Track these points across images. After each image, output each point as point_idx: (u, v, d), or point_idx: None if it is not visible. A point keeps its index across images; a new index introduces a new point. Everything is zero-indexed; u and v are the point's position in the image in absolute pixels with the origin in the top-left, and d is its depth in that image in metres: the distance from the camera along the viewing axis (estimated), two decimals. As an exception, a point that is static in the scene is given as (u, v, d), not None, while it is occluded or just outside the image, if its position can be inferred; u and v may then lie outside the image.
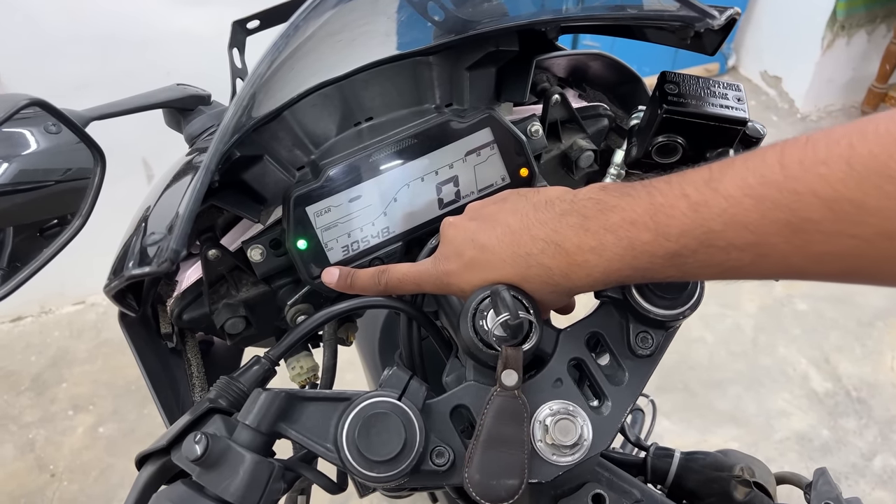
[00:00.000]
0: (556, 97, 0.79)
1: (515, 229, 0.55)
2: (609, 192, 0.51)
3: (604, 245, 0.49)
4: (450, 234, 0.60)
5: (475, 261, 0.57)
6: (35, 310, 2.43)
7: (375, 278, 0.65)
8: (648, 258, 0.48)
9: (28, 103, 0.56)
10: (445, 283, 0.59)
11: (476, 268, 0.57)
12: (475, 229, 0.58)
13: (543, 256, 0.53)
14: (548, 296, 0.55)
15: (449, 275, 0.59)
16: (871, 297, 2.49)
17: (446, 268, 0.59)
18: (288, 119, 0.68)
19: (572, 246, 0.51)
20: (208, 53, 1.50)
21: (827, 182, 0.38)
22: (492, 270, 0.56)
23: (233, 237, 0.73)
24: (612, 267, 0.50)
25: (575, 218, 0.52)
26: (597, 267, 0.50)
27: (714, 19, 0.63)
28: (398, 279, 0.63)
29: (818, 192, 0.39)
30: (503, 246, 0.55)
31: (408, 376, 0.55)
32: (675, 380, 2.23)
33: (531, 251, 0.53)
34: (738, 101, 0.61)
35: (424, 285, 0.62)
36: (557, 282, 0.53)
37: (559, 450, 0.54)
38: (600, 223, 0.50)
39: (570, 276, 0.52)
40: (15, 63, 1.95)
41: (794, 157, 0.41)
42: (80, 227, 0.65)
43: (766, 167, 0.42)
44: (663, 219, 0.46)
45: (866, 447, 2.07)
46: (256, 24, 0.69)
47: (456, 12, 0.66)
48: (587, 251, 0.50)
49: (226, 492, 0.49)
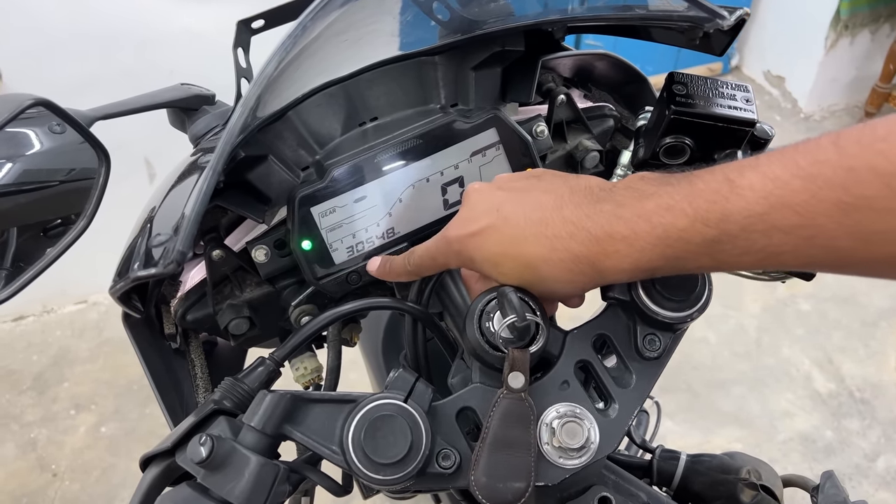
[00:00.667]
0: (561, 97, 0.79)
1: (547, 207, 0.52)
2: (647, 180, 0.50)
3: (636, 234, 0.48)
4: (473, 198, 0.58)
5: (494, 229, 0.54)
6: (37, 309, 2.43)
7: (405, 261, 0.64)
8: (683, 246, 0.46)
9: (33, 103, 0.56)
10: (458, 250, 0.57)
11: (493, 237, 0.54)
12: (502, 199, 0.55)
13: (572, 241, 0.50)
14: (566, 284, 0.53)
15: (463, 241, 0.56)
16: (874, 298, 2.49)
17: (463, 231, 0.56)
18: (293, 119, 0.68)
19: (603, 234, 0.49)
20: (210, 52, 1.51)
21: (885, 157, 0.38)
22: (510, 244, 0.53)
23: (237, 237, 0.73)
24: (643, 257, 0.48)
25: (610, 205, 0.50)
26: (627, 257, 0.48)
27: (724, 20, 0.62)
28: (419, 256, 0.62)
29: (876, 168, 0.38)
30: (530, 223, 0.53)
31: (414, 378, 0.55)
32: (679, 380, 2.22)
33: (559, 233, 0.51)
34: (746, 101, 0.61)
35: (438, 255, 0.60)
36: (582, 269, 0.51)
37: (566, 453, 0.53)
38: (634, 211, 0.48)
39: (598, 265, 0.50)
40: (16, 62, 1.95)
41: (850, 137, 0.40)
42: (86, 227, 0.64)
43: (819, 149, 0.41)
44: (703, 204, 0.45)
45: (870, 448, 2.07)
46: (261, 24, 0.69)
47: (461, 12, 0.66)
48: (619, 240, 0.48)
49: (231, 494, 0.49)
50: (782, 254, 0.43)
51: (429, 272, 0.64)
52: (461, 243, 0.56)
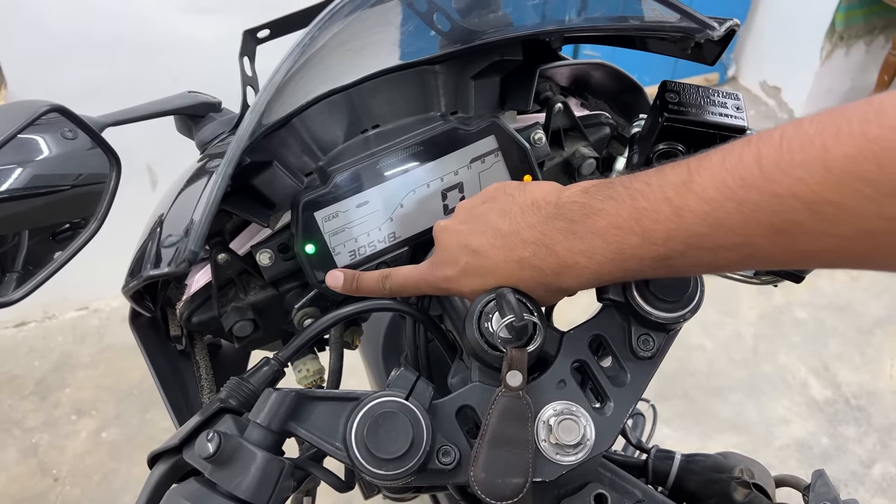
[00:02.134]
0: (558, 106, 0.80)
1: (506, 233, 0.56)
2: (592, 195, 0.52)
3: (593, 249, 0.51)
4: (443, 239, 0.62)
5: (471, 266, 0.58)
6: (38, 315, 2.44)
7: (380, 282, 0.66)
8: (637, 261, 0.49)
9: (49, 109, 0.58)
10: (445, 288, 0.61)
11: (472, 273, 0.58)
12: (467, 234, 0.59)
13: (535, 259, 0.54)
14: (542, 294, 0.57)
15: (448, 280, 0.60)
16: (870, 306, 2.50)
17: (444, 273, 0.61)
18: (297, 126, 0.69)
19: (562, 249, 0.52)
20: (215, 60, 1.52)
21: (806, 185, 0.39)
22: (488, 275, 0.57)
23: (241, 241, 0.74)
24: (603, 269, 0.51)
25: (562, 222, 0.53)
26: (587, 269, 0.52)
27: (714, 30, 0.64)
28: (401, 283, 0.65)
29: (798, 195, 0.39)
30: (495, 250, 0.56)
31: (415, 377, 0.56)
32: (676, 387, 2.23)
33: (523, 255, 0.55)
34: (736, 109, 0.63)
35: (425, 289, 0.63)
36: (550, 282, 0.54)
37: (563, 449, 0.55)
38: (587, 227, 0.51)
39: (562, 276, 0.53)
40: (21, 69, 1.97)
41: (770, 158, 0.41)
42: (97, 230, 0.66)
43: (745, 168, 0.42)
44: (648, 224, 0.47)
45: (866, 455, 2.08)
46: (267, 34, 0.70)
47: (461, 23, 0.67)
48: (577, 254, 0.52)
49: (238, 489, 0.50)
50: (731, 265, 0.47)
51: (408, 294, 0.68)
52: (446, 283, 0.61)
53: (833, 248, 0.40)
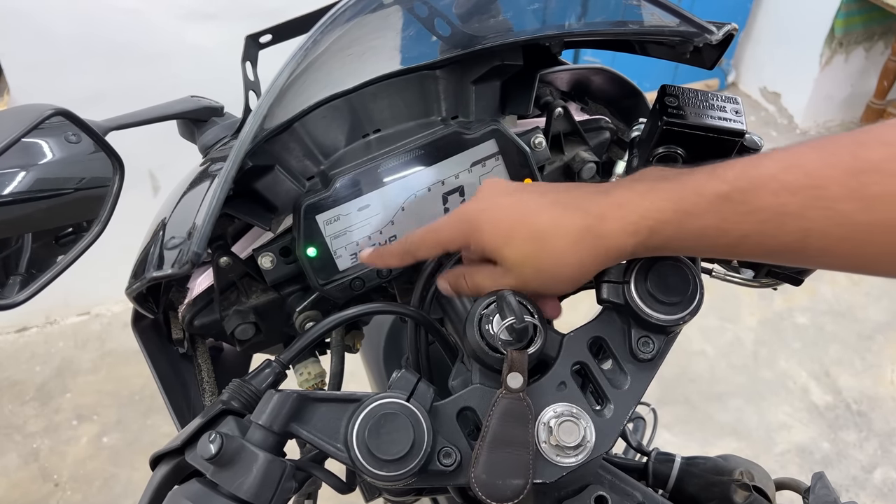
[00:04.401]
0: (559, 110, 0.81)
1: (562, 189, 0.56)
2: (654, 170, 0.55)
3: (653, 188, 0.51)
4: (487, 185, 0.61)
5: (505, 204, 0.57)
6: (40, 320, 2.44)
7: (402, 241, 0.65)
8: (695, 197, 0.49)
9: (53, 113, 0.58)
10: (466, 220, 0.58)
11: (504, 209, 0.57)
12: (517, 187, 0.59)
13: (578, 213, 0.53)
14: (570, 260, 0.54)
15: (474, 212, 0.58)
16: (870, 312, 2.50)
17: (474, 206, 0.59)
18: (298, 130, 0.70)
19: (618, 190, 0.53)
20: (217, 66, 1.53)
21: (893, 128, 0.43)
22: (522, 213, 0.56)
23: (243, 245, 0.74)
24: (654, 206, 0.51)
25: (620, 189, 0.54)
26: (638, 207, 0.51)
27: (712, 34, 0.64)
28: (421, 233, 0.63)
29: (883, 138, 0.43)
30: (545, 198, 0.56)
31: (416, 379, 0.56)
32: (676, 392, 2.23)
33: (568, 205, 0.54)
34: (735, 113, 0.63)
35: (443, 229, 0.61)
36: (588, 224, 0.53)
37: (563, 451, 0.55)
38: (654, 176, 0.53)
39: (606, 217, 0.52)
40: (24, 76, 1.98)
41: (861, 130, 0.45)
42: (100, 234, 0.66)
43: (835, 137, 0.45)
44: (721, 170, 0.49)
45: (867, 460, 2.08)
46: (269, 39, 0.71)
47: (462, 28, 0.68)
48: (632, 192, 0.52)
49: (240, 489, 0.50)
50: (786, 214, 0.46)
51: (426, 253, 0.64)
52: (474, 214, 0.58)
53: None
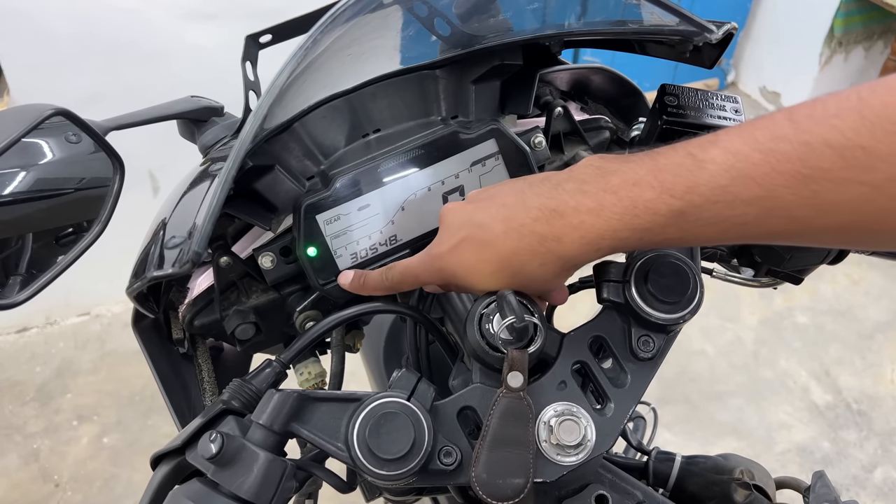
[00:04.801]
0: (558, 110, 0.80)
1: (510, 203, 0.55)
2: (608, 159, 0.52)
3: (602, 206, 0.49)
4: (447, 217, 0.60)
5: (469, 239, 0.56)
6: (40, 320, 2.44)
7: (382, 276, 0.65)
8: (650, 217, 0.48)
9: (53, 113, 0.58)
10: (438, 268, 0.59)
11: (469, 246, 0.56)
12: (473, 210, 0.58)
13: (537, 224, 0.52)
14: (536, 269, 0.54)
15: (442, 257, 0.58)
16: (871, 311, 2.50)
17: (440, 250, 0.59)
18: (298, 130, 0.70)
19: (568, 208, 0.51)
20: (216, 66, 1.53)
21: (839, 131, 0.40)
22: (484, 247, 0.55)
23: (244, 245, 0.74)
24: (610, 227, 0.49)
25: (573, 184, 0.52)
26: (593, 228, 0.50)
27: (712, 33, 0.64)
28: (400, 272, 0.64)
29: (830, 142, 0.40)
30: (497, 221, 0.55)
31: (416, 378, 0.56)
32: (677, 392, 2.24)
33: (524, 221, 0.53)
34: (735, 112, 0.63)
35: (421, 274, 0.62)
36: (548, 248, 0.52)
37: (563, 450, 0.55)
38: (600, 186, 0.50)
39: (563, 239, 0.51)
40: (23, 76, 1.98)
41: (803, 113, 0.42)
42: (100, 233, 0.67)
43: (775, 125, 0.43)
44: (668, 177, 0.47)
45: (867, 459, 2.08)
46: (269, 39, 0.71)
47: (462, 27, 0.68)
48: (584, 212, 0.50)
49: (240, 489, 0.50)
50: (744, 224, 0.46)
51: (407, 288, 0.66)
52: (442, 259, 0.58)
53: (858, 198, 0.41)
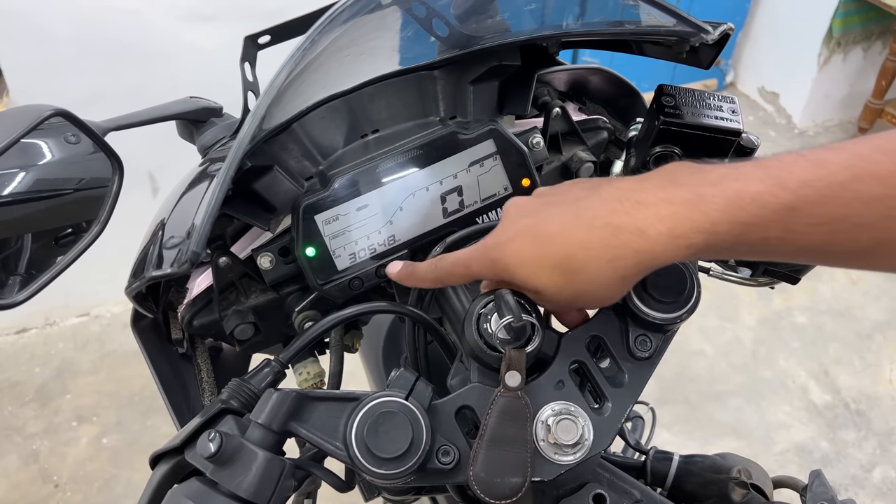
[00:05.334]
0: (556, 110, 0.81)
1: (583, 197, 0.50)
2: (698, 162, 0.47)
3: (702, 196, 0.44)
4: (510, 209, 0.56)
5: (529, 230, 0.52)
6: (40, 321, 2.44)
7: (432, 267, 0.62)
8: (757, 210, 0.43)
9: (52, 113, 0.59)
10: (493, 256, 0.54)
11: (529, 238, 0.52)
12: (540, 204, 0.54)
13: (614, 216, 0.47)
14: (605, 267, 0.48)
15: (496, 247, 0.54)
16: (869, 311, 2.51)
17: (495, 240, 0.55)
18: (297, 131, 0.70)
19: (657, 199, 0.46)
20: (215, 67, 1.53)
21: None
22: (545, 240, 0.51)
23: (242, 245, 0.75)
24: (709, 219, 0.44)
25: (660, 178, 0.47)
26: (688, 219, 0.45)
27: (708, 34, 0.65)
28: (451, 264, 0.59)
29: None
30: (566, 213, 0.50)
31: (414, 377, 0.56)
32: (676, 392, 2.24)
33: (598, 213, 0.48)
34: (732, 112, 0.63)
35: (472, 265, 0.57)
36: (625, 241, 0.47)
37: (561, 449, 0.55)
38: (696, 179, 0.45)
39: (648, 231, 0.46)
40: (23, 77, 1.98)
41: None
42: (99, 234, 0.67)
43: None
44: (778, 172, 0.43)
45: (866, 459, 2.08)
46: (267, 39, 0.71)
47: (460, 28, 0.68)
48: (678, 203, 0.45)
49: (239, 488, 0.51)
50: (859, 226, 0.42)
51: (457, 281, 0.62)
52: (497, 250, 0.54)
53: None
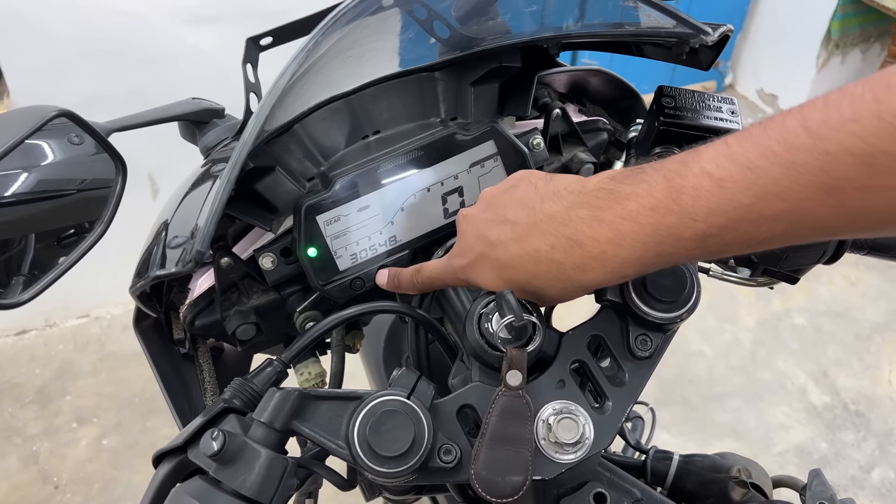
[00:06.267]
0: (557, 111, 0.81)
1: (522, 225, 0.54)
2: (619, 180, 0.50)
3: (623, 234, 0.48)
4: (463, 228, 0.61)
5: (486, 257, 0.57)
6: (40, 323, 2.44)
7: (413, 277, 0.67)
8: (674, 241, 0.46)
9: (57, 114, 0.59)
10: (464, 278, 0.61)
11: (486, 264, 0.57)
12: (486, 223, 0.58)
13: (554, 252, 0.52)
14: (559, 292, 0.55)
15: (464, 270, 0.60)
16: (868, 312, 2.51)
17: (461, 263, 0.60)
18: (299, 132, 0.70)
19: (587, 238, 0.50)
20: (217, 69, 1.54)
21: (859, 138, 0.38)
22: (502, 269, 0.56)
23: (244, 246, 0.75)
24: (633, 256, 0.48)
25: (586, 210, 0.50)
26: (615, 257, 0.49)
27: (708, 35, 0.65)
28: (428, 275, 0.65)
29: (851, 150, 0.38)
30: (511, 243, 0.55)
31: (416, 376, 0.57)
32: (675, 393, 2.24)
33: (539, 248, 0.53)
34: (731, 113, 0.64)
35: (449, 280, 0.63)
36: (570, 276, 0.52)
37: (562, 448, 0.55)
38: (616, 213, 0.48)
39: (585, 268, 0.51)
40: (24, 79, 1.98)
41: (817, 119, 0.40)
42: (102, 234, 0.67)
43: (790, 133, 0.41)
44: (688, 200, 0.45)
45: (865, 460, 2.09)
46: (269, 41, 0.71)
47: (461, 30, 0.68)
48: (604, 242, 0.49)
49: (242, 486, 0.51)
50: (772, 238, 0.44)
51: (436, 289, 0.68)
52: (463, 272, 0.60)
53: (886, 202, 0.39)
